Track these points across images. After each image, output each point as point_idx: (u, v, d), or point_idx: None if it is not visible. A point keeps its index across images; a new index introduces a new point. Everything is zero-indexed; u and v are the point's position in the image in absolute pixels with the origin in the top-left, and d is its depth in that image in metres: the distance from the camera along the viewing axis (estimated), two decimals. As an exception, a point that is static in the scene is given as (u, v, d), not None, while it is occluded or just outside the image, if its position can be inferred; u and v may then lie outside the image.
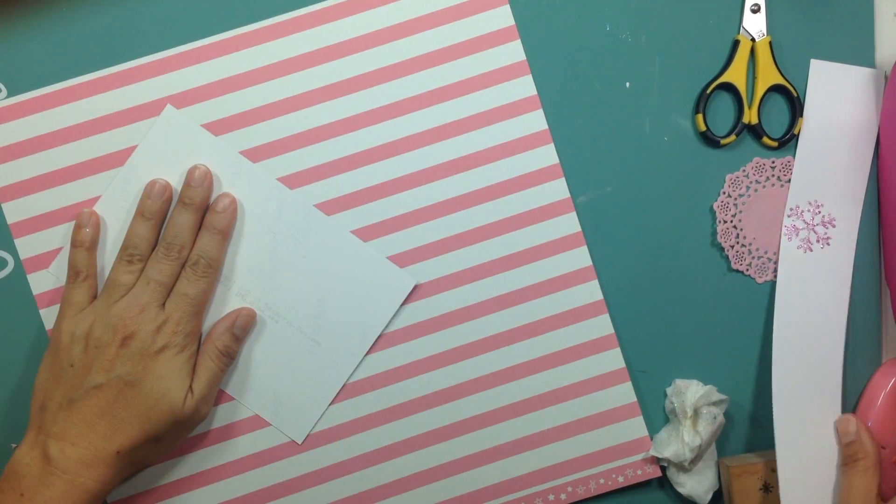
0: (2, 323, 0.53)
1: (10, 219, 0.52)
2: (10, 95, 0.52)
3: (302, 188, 0.53)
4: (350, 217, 0.53)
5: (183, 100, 0.52)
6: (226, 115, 0.53)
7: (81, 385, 0.48)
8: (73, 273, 0.51)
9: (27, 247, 0.52)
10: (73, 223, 0.52)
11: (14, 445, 0.53)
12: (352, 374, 0.54)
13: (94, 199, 0.52)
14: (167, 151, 0.52)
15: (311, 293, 0.53)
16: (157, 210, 0.51)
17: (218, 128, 0.53)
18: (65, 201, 0.52)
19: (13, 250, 0.53)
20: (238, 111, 0.53)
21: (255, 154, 0.53)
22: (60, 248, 0.53)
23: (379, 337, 0.54)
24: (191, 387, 0.50)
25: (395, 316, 0.54)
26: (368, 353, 0.54)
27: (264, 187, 0.53)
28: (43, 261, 0.52)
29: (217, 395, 0.53)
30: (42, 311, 0.53)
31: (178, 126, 0.52)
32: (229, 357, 0.52)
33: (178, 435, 0.51)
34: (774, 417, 0.53)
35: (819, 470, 0.53)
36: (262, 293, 0.53)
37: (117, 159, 0.52)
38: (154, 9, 0.52)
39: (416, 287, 0.54)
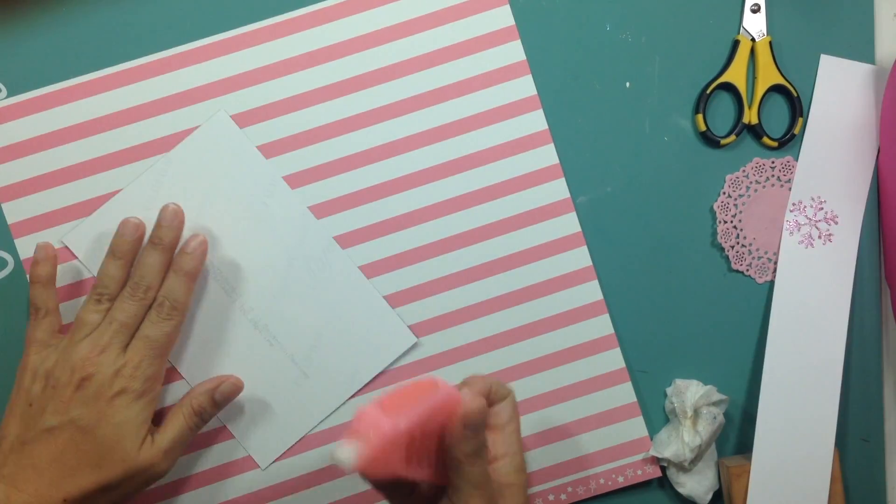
0: (2, 323, 0.53)
1: (10, 219, 0.52)
2: (10, 95, 0.52)
3: (301, 188, 0.53)
4: (349, 218, 0.53)
5: (183, 100, 0.52)
6: (223, 114, 0.53)
7: (35, 426, 0.47)
8: (34, 310, 0.50)
9: (27, 247, 0.52)
10: (73, 224, 0.52)
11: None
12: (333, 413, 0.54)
13: (94, 200, 0.52)
14: (207, 155, 0.52)
15: (311, 325, 0.53)
16: (128, 249, 0.50)
17: (218, 128, 0.53)
18: (65, 201, 0.52)
19: (13, 250, 0.53)
20: (238, 111, 0.53)
21: (255, 154, 0.53)
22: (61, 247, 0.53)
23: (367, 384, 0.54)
24: (153, 437, 0.48)
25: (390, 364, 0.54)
26: (368, 353, 0.54)
27: (294, 212, 0.53)
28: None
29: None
30: (42, 311, 0.53)
31: (225, 134, 0.52)
32: (202, 419, 0.50)
33: (132, 486, 0.48)
34: (759, 411, 0.53)
35: (794, 471, 0.53)
36: (265, 314, 0.53)
37: (117, 159, 0.52)
38: (154, 9, 0.52)
39: (416, 287, 0.54)
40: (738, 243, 0.55)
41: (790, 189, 0.55)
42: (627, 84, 0.54)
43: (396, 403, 0.40)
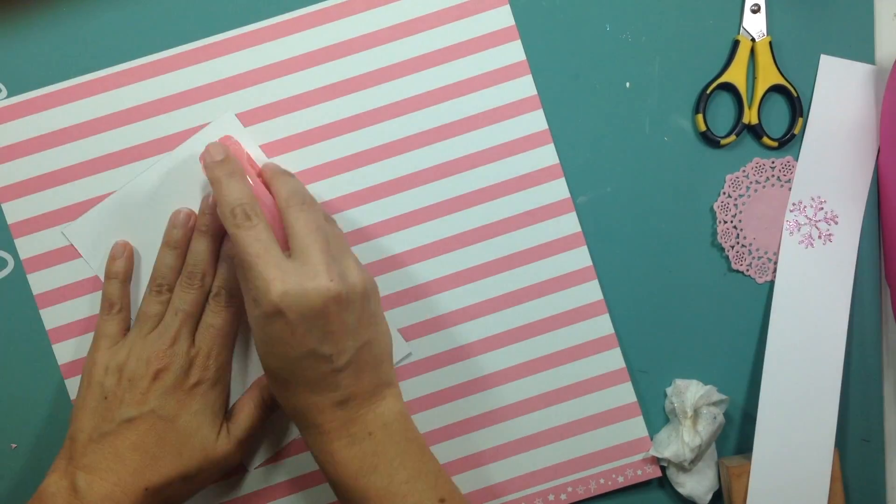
0: (2, 323, 0.53)
1: (10, 219, 0.52)
2: (10, 95, 0.52)
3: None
4: (349, 218, 0.53)
5: (183, 100, 0.52)
6: (222, 115, 0.53)
7: (114, 418, 0.47)
8: (108, 305, 0.51)
9: (27, 247, 0.52)
10: (71, 222, 0.52)
11: (14, 446, 0.53)
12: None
13: (93, 200, 0.52)
14: None
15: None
16: (181, 238, 0.50)
17: (218, 128, 0.53)
18: (65, 201, 0.52)
19: (13, 250, 0.53)
20: (237, 111, 0.53)
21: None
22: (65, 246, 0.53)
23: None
24: (228, 428, 0.49)
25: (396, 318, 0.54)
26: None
27: None
28: (43, 261, 0.52)
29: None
30: (42, 311, 0.53)
31: (231, 134, 0.52)
32: (271, 409, 0.51)
33: (209, 475, 0.49)
34: (759, 411, 0.53)
35: (793, 470, 0.53)
36: None
37: (117, 159, 0.52)
38: (154, 9, 0.52)
39: (416, 287, 0.54)
40: (738, 243, 0.55)
41: (790, 189, 0.55)
42: (627, 84, 0.54)
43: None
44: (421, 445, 0.47)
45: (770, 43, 0.54)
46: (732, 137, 0.54)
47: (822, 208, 0.55)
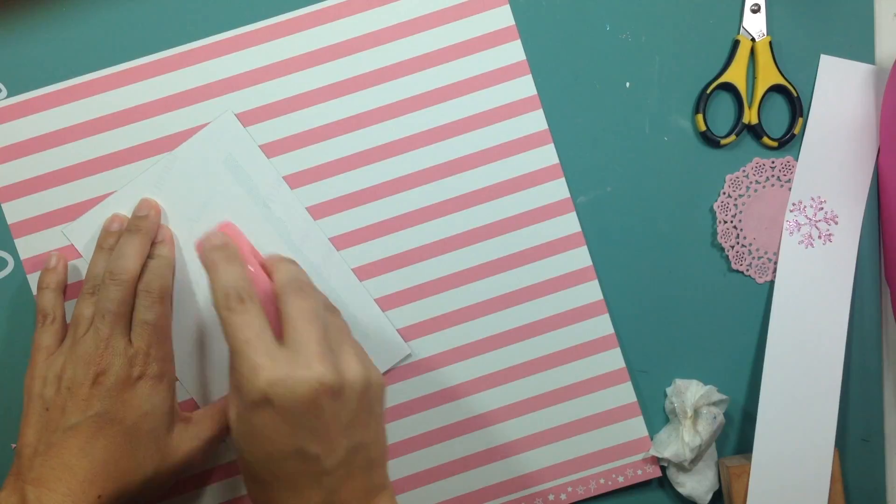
0: (2, 323, 0.53)
1: (10, 219, 0.52)
2: (10, 95, 0.52)
3: (301, 188, 0.53)
4: (349, 218, 0.53)
5: (183, 100, 0.52)
6: (224, 115, 0.53)
7: (58, 427, 0.46)
8: (41, 316, 0.50)
9: (27, 247, 0.52)
10: (72, 222, 0.52)
11: (14, 446, 0.53)
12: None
13: (93, 200, 0.52)
14: (212, 155, 0.52)
15: None
16: (115, 242, 0.50)
17: (218, 128, 0.53)
18: (65, 201, 0.52)
19: (13, 250, 0.53)
20: (237, 111, 0.53)
21: (255, 154, 0.53)
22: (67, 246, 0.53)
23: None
24: (186, 426, 0.48)
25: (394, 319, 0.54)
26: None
27: (295, 217, 0.53)
28: (43, 261, 0.52)
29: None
30: (42, 311, 0.53)
31: (231, 135, 0.52)
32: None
33: (166, 477, 0.47)
34: (759, 411, 0.53)
35: (793, 470, 0.53)
36: None
37: (117, 159, 0.52)
38: (154, 9, 0.52)
39: (416, 287, 0.54)
40: (738, 243, 0.55)
41: (790, 189, 0.55)
42: (627, 84, 0.54)
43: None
44: None
45: (770, 43, 0.54)
46: (732, 137, 0.54)
47: (822, 208, 0.55)
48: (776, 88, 0.55)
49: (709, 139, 0.55)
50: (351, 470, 0.42)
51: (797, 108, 0.54)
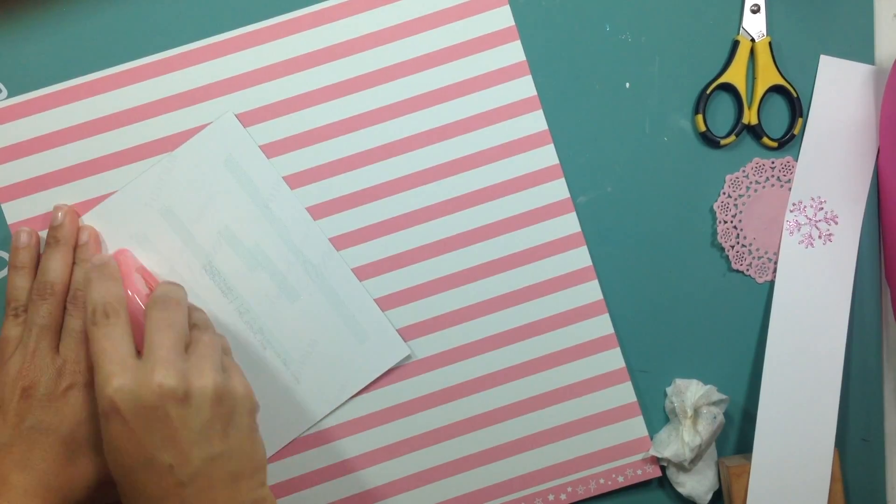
0: (1, 323, 0.53)
1: (10, 219, 0.52)
2: (10, 95, 0.52)
3: (301, 188, 0.53)
4: (349, 218, 0.53)
5: (183, 100, 0.52)
6: (224, 115, 0.53)
7: None
8: (9, 304, 0.49)
9: (27, 247, 0.52)
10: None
11: None
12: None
13: (93, 200, 0.52)
14: (213, 155, 0.52)
15: (306, 332, 0.53)
16: (28, 258, 0.50)
17: (218, 128, 0.53)
18: (65, 201, 0.52)
19: (13, 250, 0.52)
20: (238, 111, 0.53)
21: (256, 154, 0.53)
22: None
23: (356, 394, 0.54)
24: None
25: (392, 319, 0.54)
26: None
27: (295, 217, 0.53)
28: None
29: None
30: (42, 312, 0.53)
31: (232, 135, 0.52)
32: None
33: (113, 484, 0.45)
34: (759, 411, 0.53)
35: (793, 470, 0.53)
36: (260, 316, 0.53)
37: (118, 159, 0.52)
38: (154, 9, 0.52)
39: (416, 287, 0.54)
40: (738, 243, 0.55)
41: (790, 189, 0.55)
42: (627, 84, 0.54)
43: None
44: None
45: (770, 43, 0.54)
46: (732, 138, 0.54)
47: (822, 208, 0.55)
48: (776, 89, 0.55)
49: (709, 139, 0.55)
50: (212, 482, 0.41)
51: (797, 108, 0.54)
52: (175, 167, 0.52)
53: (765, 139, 0.55)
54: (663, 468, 0.55)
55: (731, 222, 0.55)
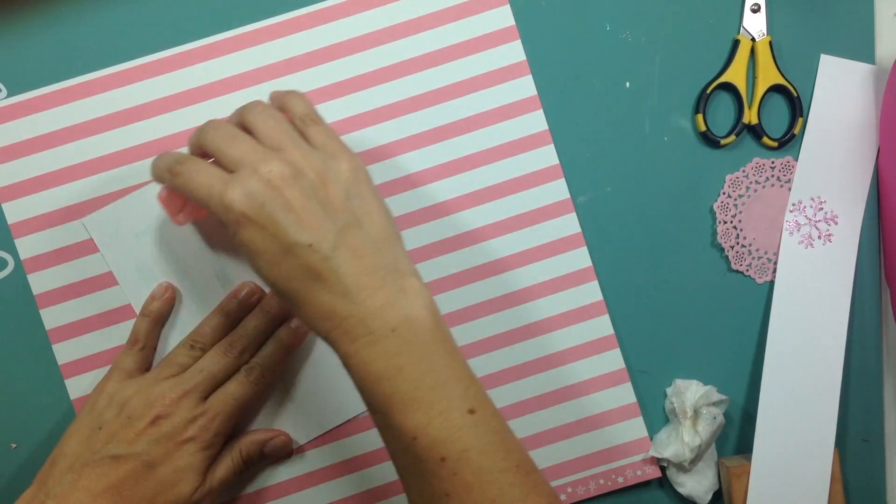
0: (2, 323, 0.53)
1: (10, 219, 0.52)
2: (10, 95, 0.52)
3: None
4: (350, 217, 0.53)
5: (183, 100, 0.52)
6: (225, 115, 0.53)
7: (99, 450, 0.46)
8: (132, 340, 0.51)
9: (27, 247, 0.52)
10: (75, 222, 0.52)
11: (14, 446, 0.53)
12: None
13: (93, 200, 0.52)
14: None
15: (308, 344, 0.53)
16: (236, 310, 0.51)
17: (218, 128, 0.53)
18: (65, 201, 0.52)
19: (13, 250, 0.53)
20: (238, 111, 0.53)
21: (255, 154, 0.53)
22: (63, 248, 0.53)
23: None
24: (205, 482, 0.48)
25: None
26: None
27: None
28: (43, 261, 0.52)
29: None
30: (42, 312, 0.53)
31: None
32: (247, 466, 0.51)
33: None
34: (759, 411, 0.53)
35: (793, 470, 0.53)
36: None
37: (118, 159, 0.52)
38: (154, 9, 0.52)
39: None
40: (738, 243, 0.55)
41: (790, 189, 0.55)
42: (627, 84, 0.54)
43: None
44: (451, 348, 0.42)
45: (770, 43, 0.54)
46: (732, 137, 0.54)
47: (822, 208, 0.55)
48: (776, 88, 0.55)
49: (709, 139, 0.54)
50: (355, 250, 0.42)
51: (797, 108, 0.54)
52: None
53: (765, 139, 0.54)
54: (663, 468, 0.55)
55: (731, 222, 0.55)
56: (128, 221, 0.52)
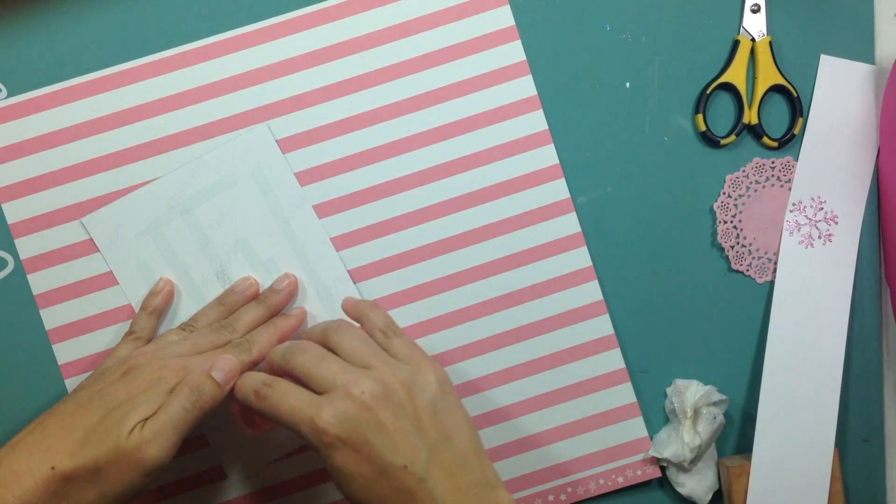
0: (2, 323, 0.53)
1: (10, 219, 0.52)
2: (10, 95, 0.52)
3: (300, 188, 0.53)
4: (349, 218, 0.53)
5: (182, 100, 0.52)
6: (225, 115, 0.53)
7: (70, 398, 0.45)
8: (129, 333, 0.51)
9: (27, 247, 0.52)
10: (75, 222, 0.52)
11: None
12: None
13: (93, 200, 0.52)
14: (240, 164, 0.52)
15: None
16: (235, 302, 0.51)
17: (214, 129, 0.53)
18: (65, 201, 0.52)
19: (13, 250, 0.53)
20: (237, 111, 0.53)
21: (255, 154, 0.53)
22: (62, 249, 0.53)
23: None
24: (144, 422, 0.43)
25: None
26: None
27: (314, 238, 0.53)
28: (43, 261, 0.52)
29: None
30: (42, 312, 0.53)
31: (262, 147, 0.52)
32: (200, 399, 0.44)
33: (122, 479, 0.42)
34: (759, 411, 0.53)
35: (793, 470, 0.53)
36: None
37: (118, 159, 0.52)
38: (154, 9, 0.52)
39: (416, 287, 0.54)
40: (738, 243, 0.55)
41: (790, 189, 0.55)
42: (627, 84, 0.54)
43: None
44: None
45: (770, 43, 0.54)
46: (732, 137, 0.54)
47: (822, 208, 0.55)
48: (776, 88, 0.55)
49: (709, 139, 0.55)
50: (447, 469, 0.42)
51: (797, 108, 0.54)
52: (202, 171, 0.52)
53: (765, 139, 0.54)
54: (663, 468, 0.55)
55: (731, 222, 0.55)
56: (128, 221, 0.52)
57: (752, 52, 0.54)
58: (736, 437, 0.56)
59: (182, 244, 0.52)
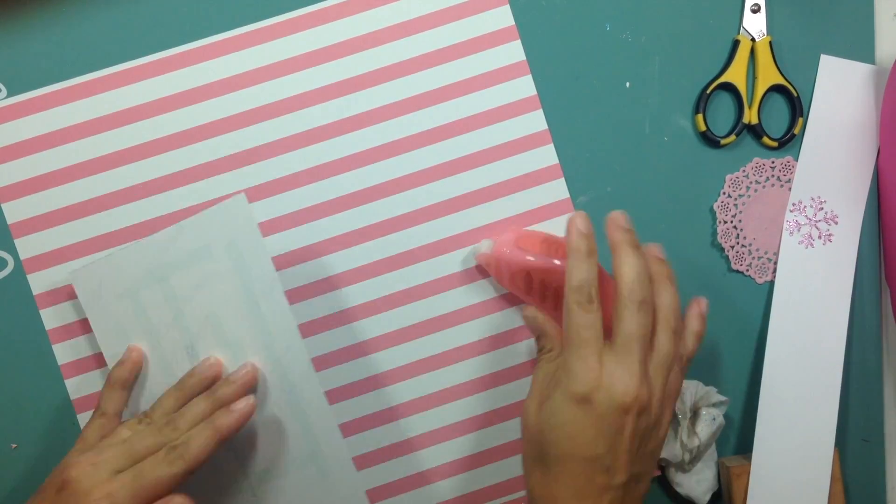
0: (2, 323, 0.53)
1: (10, 219, 0.52)
2: (10, 95, 0.52)
3: (299, 188, 0.53)
4: (349, 218, 0.53)
5: (182, 100, 0.52)
6: (225, 115, 0.53)
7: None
8: (95, 408, 0.49)
9: (27, 247, 0.52)
10: (75, 222, 0.52)
11: (14, 446, 0.53)
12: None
13: (93, 200, 0.52)
14: (217, 235, 0.50)
15: (269, 446, 0.51)
16: (192, 388, 0.49)
17: (214, 129, 0.53)
18: (65, 201, 0.52)
19: (13, 250, 0.53)
20: (237, 111, 0.53)
21: (255, 154, 0.53)
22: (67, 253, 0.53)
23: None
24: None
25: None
26: (366, 351, 0.54)
27: (282, 324, 0.50)
28: (43, 261, 0.52)
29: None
30: (42, 312, 0.53)
31: (240, 220, 0.49)
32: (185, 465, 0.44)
33: None
34: (759, 411, 0.53)
35: (793, 470, 0.53)
36: None
37: (118, 159, 0.52)
38: (154, 9, 0.52)
39: (416, 286, 0.54)
40: (738, 243, 0.55)
41: (790, 189, 0.55)
42: (627, 84, 0.54)
43: (529, 242, 0.51)
44: None
45: (770, 43, 0.54)
46: (732, 137, 0.54)
47: (822, 208, 0.55)
48: (776, 88, 0.55)
49: (709, 139, 0.54)
50: (628, 496, 0.42)
51: (797, 108, 0.54)
52: (180, 238, 0.50)
53: (765, 139, 0.54)
54: (662, 468, 0.55)
55: (731, 222, 0.55)
56: (109, 281, 0.50)
57: (752, 51, 0.54)
58: (736, 437, 0.56)
59: (157, 312, 0.50)
